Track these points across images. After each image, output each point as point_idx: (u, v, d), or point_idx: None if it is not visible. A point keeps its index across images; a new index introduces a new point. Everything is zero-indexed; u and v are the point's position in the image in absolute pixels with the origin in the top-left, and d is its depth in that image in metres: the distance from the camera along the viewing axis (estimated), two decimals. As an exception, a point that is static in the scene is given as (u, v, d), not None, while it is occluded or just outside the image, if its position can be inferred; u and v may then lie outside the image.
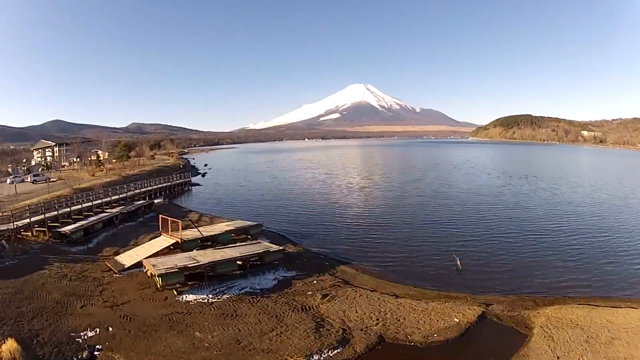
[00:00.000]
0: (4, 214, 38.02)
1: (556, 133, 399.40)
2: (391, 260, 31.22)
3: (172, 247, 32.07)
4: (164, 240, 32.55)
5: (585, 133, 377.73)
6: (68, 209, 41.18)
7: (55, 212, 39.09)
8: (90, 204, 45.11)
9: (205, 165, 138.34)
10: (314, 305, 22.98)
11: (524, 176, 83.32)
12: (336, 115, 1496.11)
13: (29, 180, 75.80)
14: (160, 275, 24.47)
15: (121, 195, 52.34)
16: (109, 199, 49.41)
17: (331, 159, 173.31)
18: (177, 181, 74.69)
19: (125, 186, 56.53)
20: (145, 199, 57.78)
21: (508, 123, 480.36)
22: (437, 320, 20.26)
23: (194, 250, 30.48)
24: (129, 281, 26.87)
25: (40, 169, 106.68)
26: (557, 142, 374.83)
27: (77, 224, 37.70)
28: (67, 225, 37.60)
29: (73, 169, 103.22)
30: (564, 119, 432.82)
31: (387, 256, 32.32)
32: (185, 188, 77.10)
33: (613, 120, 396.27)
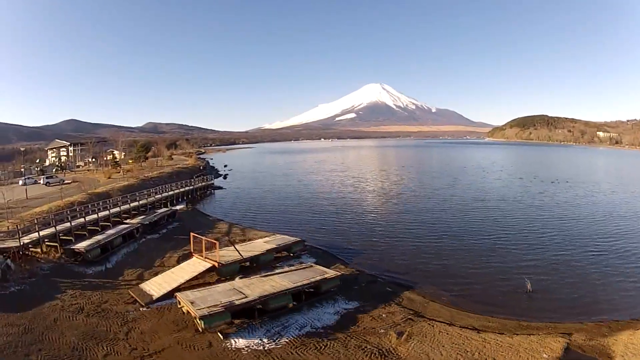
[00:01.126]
0: (10, 226, 33.57)
1: (572, 134, 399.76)
2: (454, 282, 27.87)
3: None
4: (197, 264, 27.35)
5: (600, 134, 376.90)
6: (83, 220, 36.38)
7: (68, 224, 34.31)
8: (107, 212, 40.31)
9: (225, 166, 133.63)
10: (391, 348, 18.86)
11: (556, 181, 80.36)
12: (352, 115, 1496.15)
13: (41, 182, 72.02)
14: (202, 318, 19.32)
15: (141, 202, 47.64)
16: (127, 206, 44.67)
17: (353, 160, 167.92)
18: (199, 184, 69.89)
19: (145, 192, 51.83)
20: (167, 205, 53.37)
21: (524, 124, 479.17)
22: (528, 359, 17.81)
23: (237, 279, 25.27)
24: (160, 318, 21.81)
25: (54, 170, 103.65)
26: (574, 143, 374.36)
27: (93, 240, 32.77)
28: (82, 241, 32.78)
29: (88, 170, 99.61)
30: (580, 120, 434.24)
31: (448, 277, 28.92)
32: (208, 192, 72.39)
33: (628, 121, 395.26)
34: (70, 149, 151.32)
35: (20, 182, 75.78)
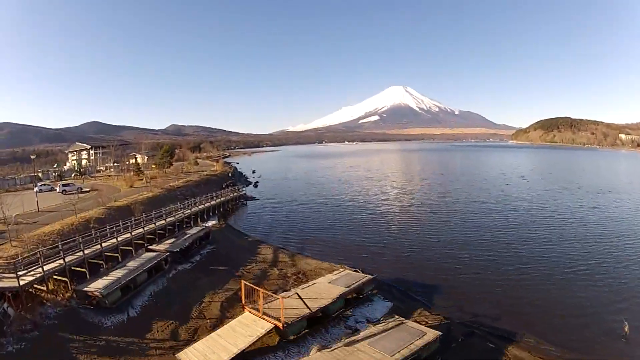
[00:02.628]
0: (11, 254, 27.27)
1: (595, 136, 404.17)
2: (551, 327, 24.07)
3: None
4: (253, 323, 20.22)
5: (622, 136, 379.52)
6: (99, 246, 29.74)
7: (81, 254, 27.66)
8: (129, 235, 33.75)
9: (253, 172, 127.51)
10: None
11: (600, 191, 76.22)
12: (375, 117, 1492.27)
13: (57, 190, 66.51)
14: None
15: (168, 220, 40.93)
16: (152, 226, 38.04)
17: (386, 166, 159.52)
18: (231, 196, 63.32)
19: (172, 207, 45.40)
20: (197, 221, 46.97)
21: (548, 126, 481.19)
22: None
23: (313, 350, 18.07)
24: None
25: (72, 175, 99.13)
26: (597, 145, 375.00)
27: (112, 278, 25.88)
28: (97, 278, 26.08)
29: (109, 176, 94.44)
30: (602, 122, 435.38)
31: (543, 321, 24.73)
32: (239, 203, 65.73)
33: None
34: (91, 152, 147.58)
35: (36, 189, 71.15)
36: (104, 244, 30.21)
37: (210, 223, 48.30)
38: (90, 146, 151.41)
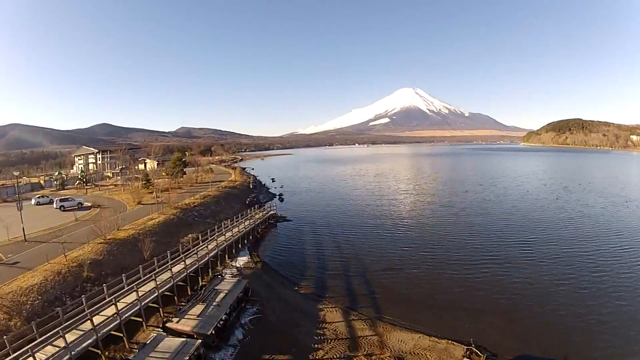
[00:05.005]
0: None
1: (607, 138, 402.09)
2: None
3: None
4: None
5: (634, 137, 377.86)
6: (92, 331, 18.78)
7: (64, 346, 16.82)
8: (136, 299, 22.84)
9: (273, 180, 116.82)
10: None
11: None
12: (385, 120, 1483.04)
13: (54, 205, 56.33)
14: None
15: (190, 266, 29.99)
16: (169, 278, 27.19)
17: (413, 174, 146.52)
18: (260, 217, 51.97)
19: (191, 238, 34.69)
20: (224, 258, 36.17)
21: (560, 128, 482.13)
22: None
23: None
24: None
25: (76, 183, 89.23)
26: (610, 147, 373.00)
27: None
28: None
29: (115, 185, 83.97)
30: (613, 123, 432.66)
31: None
32: (270, 224, 54.40)
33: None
34: (99, 156, 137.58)
35: (33, 202, 62.50)
36: (100, 326, 19.32)
37: (241, 261, 37.44)
38: (97, 150, 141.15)
